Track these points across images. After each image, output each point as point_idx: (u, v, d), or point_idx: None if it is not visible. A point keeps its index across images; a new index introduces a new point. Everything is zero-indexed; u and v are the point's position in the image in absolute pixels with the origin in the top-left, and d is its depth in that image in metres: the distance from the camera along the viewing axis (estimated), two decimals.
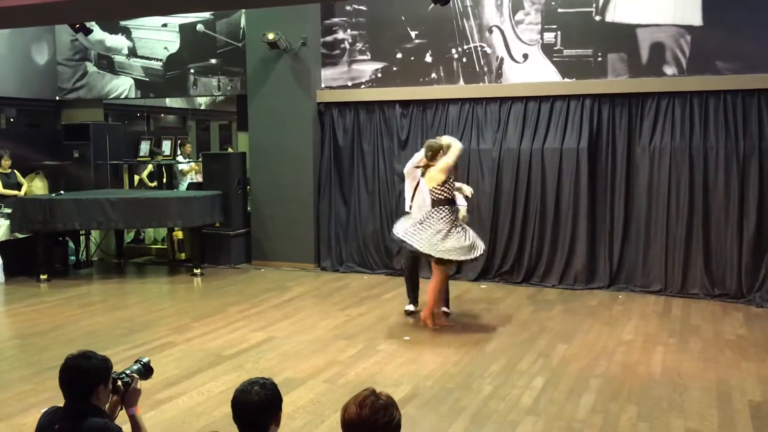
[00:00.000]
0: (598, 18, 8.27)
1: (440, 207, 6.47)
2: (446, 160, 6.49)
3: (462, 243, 6.40)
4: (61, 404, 2.86)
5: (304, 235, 9.71)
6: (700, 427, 4.49)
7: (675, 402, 4.89)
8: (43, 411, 2.89)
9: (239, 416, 2.54)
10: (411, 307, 7.23)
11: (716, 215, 7.92)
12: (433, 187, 6.48)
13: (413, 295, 7.28)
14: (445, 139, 6.75)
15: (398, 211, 9.27)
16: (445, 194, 6.48)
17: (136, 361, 3.13)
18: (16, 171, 10.16)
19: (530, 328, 6.74)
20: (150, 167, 11.59)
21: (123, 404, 2.96)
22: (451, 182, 6.57)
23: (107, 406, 2.92)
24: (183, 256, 10.33)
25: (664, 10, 7.98)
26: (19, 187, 10.15)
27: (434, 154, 6.62)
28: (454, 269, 7.14)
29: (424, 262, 7.24)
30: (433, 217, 6.44)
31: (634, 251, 8.29)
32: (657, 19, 8.03)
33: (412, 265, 7.21)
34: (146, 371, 3.11)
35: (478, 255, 6.57)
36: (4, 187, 9.89)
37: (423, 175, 6.71)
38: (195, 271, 9.39)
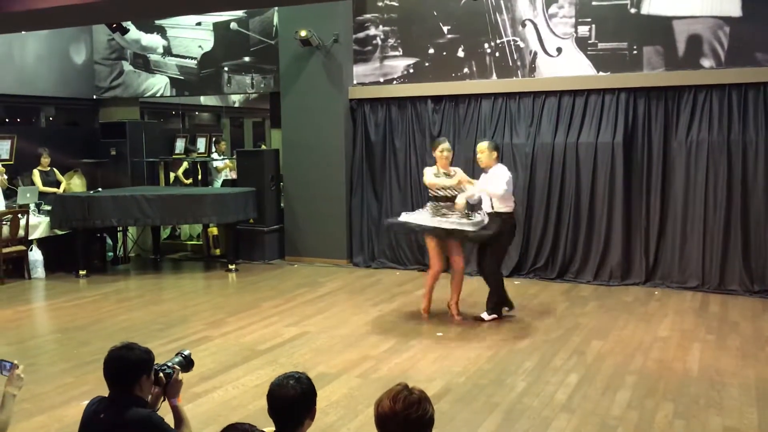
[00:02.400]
0: (633, 10, 8.16)
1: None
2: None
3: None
4: (104, 395, 2.92)
5: (337, 231, 9.75)
6: (738, 425, 4.42)
7: (713, 399, 4.82)
8: (89, 400, 2.95)
9: (275, 410, 2.57)
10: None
11: (755, 210, 7.77)
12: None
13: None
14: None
15: None
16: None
17: (177, 354, 3.18)
18: (55, 169, 10.37)
19: (564, 325, 6.69)
20: (185, 164, 11.74)
21: (165, 395, 3.02)
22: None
23: (150, 397, 2.98)
24: (218, 251, 10.46)
25: (702, 2, 7.83)
26: (58, 184, 10.36)
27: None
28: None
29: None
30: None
31: (670, 247, 8.17)
32: (694, 11, 7.89)
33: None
34: (187, 364, 3.16)
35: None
36: (44, 184, 10.11)
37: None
38: (230, 266, 9.49)
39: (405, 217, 6.89)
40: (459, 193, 6.65)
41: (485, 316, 6.87)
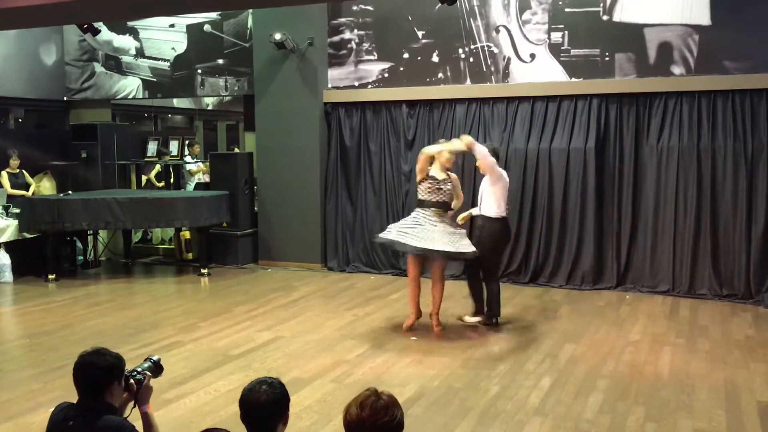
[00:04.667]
0: (605, 17, 8.25)
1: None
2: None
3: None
4: (70, 401, 2.87)
5: (311, 235, 9.72)
6: (708, 427, 4.48)
7: (683, 402, 4.88)
8: (55, 407, 2.90)
9: (247, 416, 2.54)
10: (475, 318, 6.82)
11: (724, 215, 7.89)
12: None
13: (478, 305, 6.85)
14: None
15: (405, 210, 9.28)
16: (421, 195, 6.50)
17: (146, 359, 3.13)
18: (24, 171, 10.20)
19: (537, 329, 6.73)
20: (158, 167, 11.62)
21: (136, 402, 2.96)
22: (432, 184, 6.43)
23: (119, 403, 2.92)
24: (190, 256, 10.37)
25: (672, 10, 7.95)
26: (27, 187, 10.19)
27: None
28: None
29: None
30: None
31: (641, 251, 8.27)
32: (665, 19, 8.00)
33: (474, 273, 6.82)
34: (157, 369, 3.11)
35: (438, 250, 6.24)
36: (13, 187, 9.93)
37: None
38: (202, 271, 9.40)
39: (394, 234, 6.40)
40: (449, 197, 6.44)
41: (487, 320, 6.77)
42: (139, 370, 3.01)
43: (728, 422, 4.54)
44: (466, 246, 6.35)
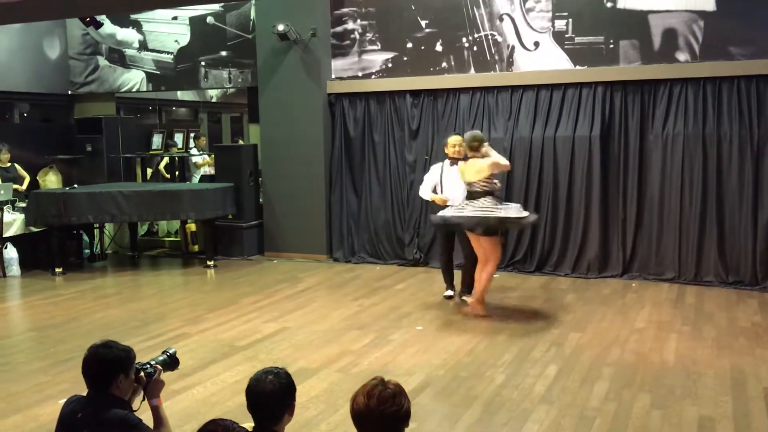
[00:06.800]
0: (609, 4, 8.20)
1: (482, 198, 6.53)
2: (497, 161, 6.51)
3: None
4: (81, 394, 2.89)
5: (316, 226, 9.73)
6: (714, 414, 4.48)
7: (689, 390, 4.88)
8: (66, 399, 2.91)
9: (253, 405, 2.55)
10: (450, 293, 7.33)
11: (730, 202, 7.87)
12: (478, 180, 6.49)
13: (449, 280, 7.39)
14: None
15: (409, 200, 9.29)
16: (486, 187, 6.52)
17: (163, 352, 3.12)
18: (16, 165, 10.12)
19: (543, 317, 6.73)
20: (166, 159, 11.65)
21: (145, 395, 2.96)
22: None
23: (129, 396, 2.92)
24: (196, 248, 10.40)
25: None
26: (20, 180, 10.12)
27: (479, 144, 6.55)
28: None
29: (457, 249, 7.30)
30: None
31: (647, 239, 8.25)
32: (669, 5, 7.95)
33: (448, 251, 7.29)
34: (172, 362, 3.10)
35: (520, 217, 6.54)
36: (3, 181, 9.84)
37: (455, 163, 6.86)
38: (208, 262, 9.43)
39: (449, 212, 6.61)
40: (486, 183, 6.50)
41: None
42: (152, 363, 3.00)
43: (734, 409, 4.54)
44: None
